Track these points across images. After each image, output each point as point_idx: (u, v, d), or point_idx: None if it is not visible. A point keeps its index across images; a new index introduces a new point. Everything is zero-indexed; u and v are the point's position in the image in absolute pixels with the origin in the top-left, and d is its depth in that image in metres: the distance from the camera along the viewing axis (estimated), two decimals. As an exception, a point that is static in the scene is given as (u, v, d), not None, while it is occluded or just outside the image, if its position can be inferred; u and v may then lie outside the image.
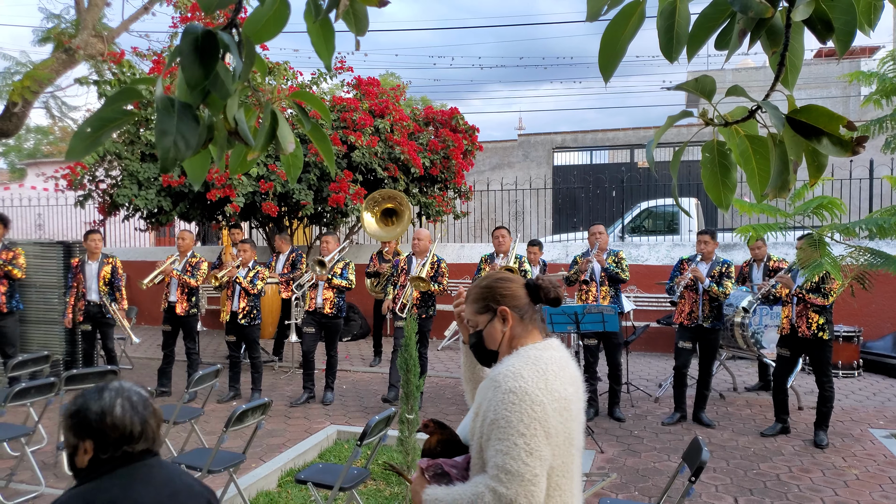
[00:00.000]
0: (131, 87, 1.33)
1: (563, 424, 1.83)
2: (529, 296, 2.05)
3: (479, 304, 2.06)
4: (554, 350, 1.97)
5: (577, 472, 1.93)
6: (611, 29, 1.27)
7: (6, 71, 9.76)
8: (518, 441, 1.74)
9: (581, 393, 1.97)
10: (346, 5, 1.26)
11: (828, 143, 1.11)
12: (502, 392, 1.79)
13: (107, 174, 10.34)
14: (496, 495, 1.72)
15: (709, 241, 6.71)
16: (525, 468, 1.72)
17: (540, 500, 1.73)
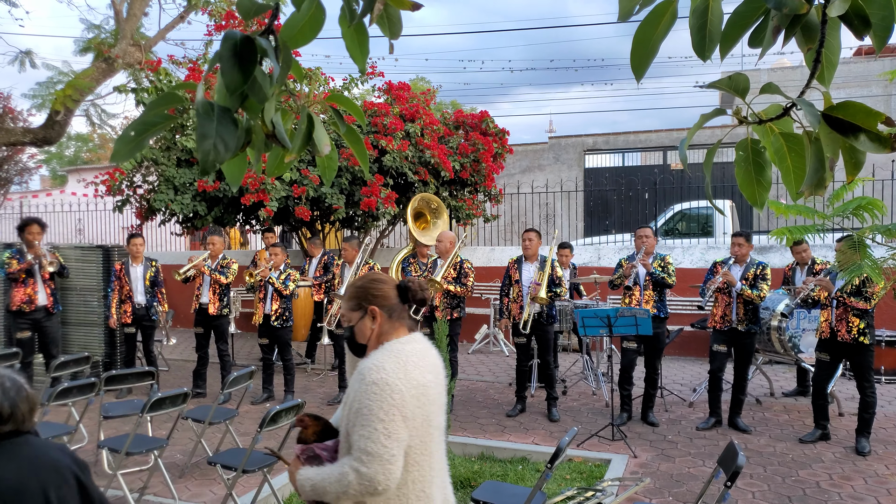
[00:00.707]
0: (173, 93, 1.37)
1: (421, 408, 2.10)
2: (399, 297, 2.29)
3: (352, 302, 2.29)
4: (416, 343, 2.23)
5: (437, 449, 2.19)
6: (643, 28, 1.27)
7: (49, 81, 10.06)
8: (378, 426, 2.00)
9: (442, 378, 2.25)
10: (380, 9, 1.28)
11: (865, 140, 1.09)
12: (366, 384, 2.05)
13: (144, 180, 10.55)
14: (358, 474, 1.99)
15: (743, 244, 6.59)
16: (384, 450, 1.99)
17: (396, 475, 2.02)
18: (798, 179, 1.20)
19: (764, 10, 1.18)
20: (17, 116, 14.83)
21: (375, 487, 1.99)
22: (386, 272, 10.95)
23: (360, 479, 1.99)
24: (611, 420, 6.38)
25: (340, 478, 2.03)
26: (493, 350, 10.95)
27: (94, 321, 8.53)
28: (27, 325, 7.47)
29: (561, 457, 3.68)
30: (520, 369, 7.21)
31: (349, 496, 2.03)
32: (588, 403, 7.63)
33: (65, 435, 5.27)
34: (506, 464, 5.62)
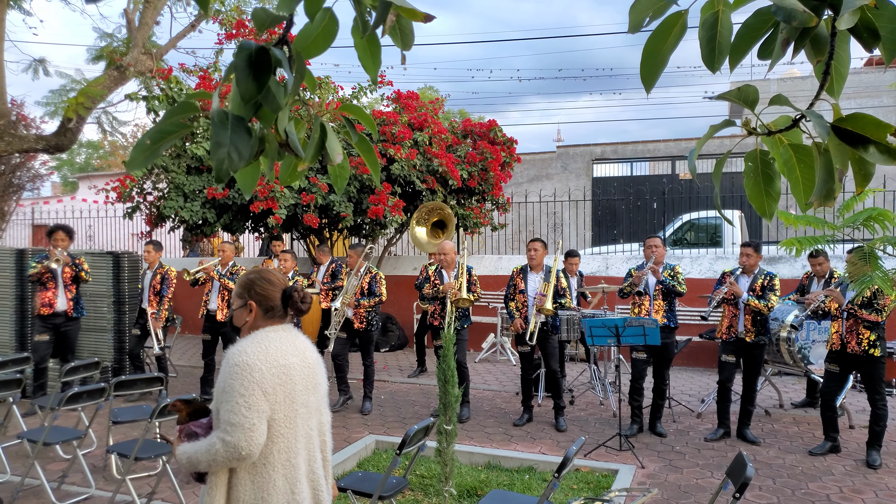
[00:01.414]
0: (188, 102, 1.38)
1: (283, 386, 2.37)
2: (282, 301, 2.52)
3: (239, 289, 2.55)
4: (283, 331, 2.50)
5: (304, 424, 2.45)
6: (652, 40, 1.29)
7: (62, 88, 10.15)
8: (239, 400, 2.27)
9: (309, 361, 2.52)
10: (392, 21, 1.30)
11: (875, 152, 1.10)
12: (230, 366, 2.34)
13: (154, 187, 10.62)
14: (224, 442, 2.25)
15: (751, 254, 6.57)
16: (245, 420, 2.26)
17: (258, 442, 2.28)
18: (807, 190, 1.20)
19: (773, 23, 1.19)
20: (31, 123, 14.96)
21: (240, 453, 2.25)
22: (396, 279, 10.94)
23: (225, 447, 2.25)
24: (618, 430, 6.36)
25: (209, 447, 2.29)
26: (500, 359, 10.93)
27: (104, 327, 8.58)
28: (46, 329, 7.54)
29: (568, 466, 3.67)
30: (524, 378, 7.20)
31: (218, 463, 2.28)
32: (595, 413, 7.61)
33: (74, 439, 5.30)
34: (512, 473, 5.61)
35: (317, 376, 2.55)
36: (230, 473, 2.34)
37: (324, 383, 2.60)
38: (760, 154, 1.27)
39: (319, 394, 2.55)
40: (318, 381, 2.55)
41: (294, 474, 2.39)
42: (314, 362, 2.55)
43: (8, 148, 8.57)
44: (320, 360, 2.62)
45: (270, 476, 2.34)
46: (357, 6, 1.38)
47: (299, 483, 2.40)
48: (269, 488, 2.33)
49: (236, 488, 2.33)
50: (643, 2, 1.24)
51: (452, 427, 4.84)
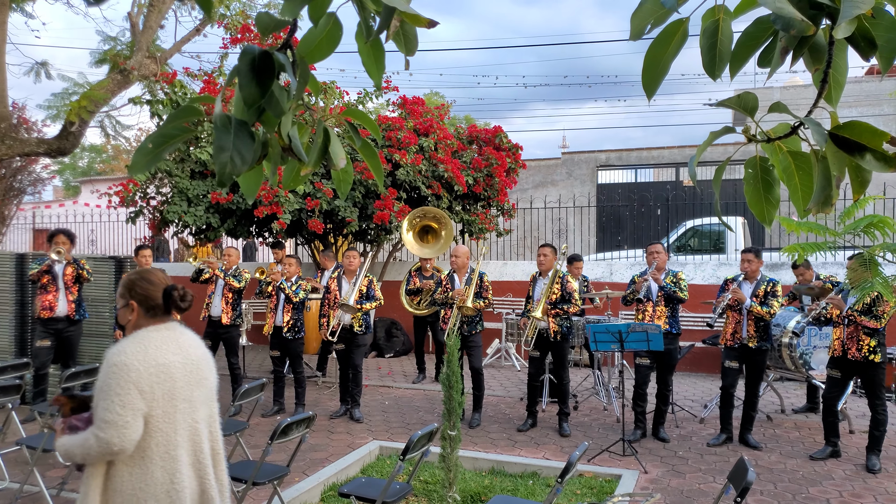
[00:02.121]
0: (191, 106, 1.40)
1: (161, 384, 2.47)
2: (163, 300, 2.62)
3: (121, 290, 2.66)
4: (166, 330, 2.61)
5: (185, 419, 2.55)
6: (654, 48, 1.30)
7: (64, 92, 10.19)
8: (114, 399, 2.38)
9: (193, 357, 2.62)
10: (396, 27, 1.31)
11: (871, 159, 1.11)
12: (108, 365, 2.44)
13: (157, 191, 10.64)
14: (97, 438, 2.37)
15: (753, 260, 6.58)
16: (118, 417, 2.36)
17: (131, 437, 2.39)
18: (805, 197, 1.21)
19: (773, 31, 1.20)
20: (32, 127, 15.00)
21: (111, 448, 2.37)
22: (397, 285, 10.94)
23: (98, 442, 2.37)
24: (622, 435, 6.35)
25: (84, 442, 2.41)
26: (505, 364, 10.93)
27: (106, 332, 8.59)
28: (48, 334, 7.48)
29: (571, 472, 3.67)
30: (531, 384, 7.20)
31: (91, 457, 2.41)
32: (599, 419, 7.60)
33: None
34: (516, 478, 5.61)
35: (202, 371, 2.65)
36: (108, 465, 2.45)
37: (211, 377, 2.71)
38: (760, 161, 1.28)
39: (206, 388, 2.67)
40: (203, 376, 2.66)
41: (174, 466, 2.50)
42: (199, 358, 2.66)
43: (9, 151, 8.59)
44: (207, 355, 2.72)
45: (148, 468, 2.45)
46: (361, 11, 1.40)
47: (179, 473, 2.51)
48: (147, 479, 2.45)
49: (114, 479, 2.44)
50: (644, 10, 1.25)
51: (456, 433, 4.84)
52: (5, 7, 8.68)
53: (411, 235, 9.96)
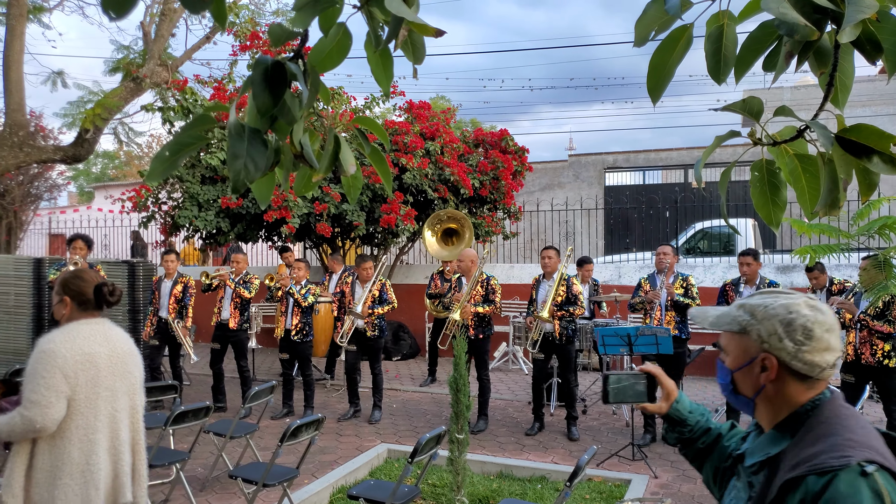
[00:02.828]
0: (206, 114, 1.42)
1: (86, 371, 2.72)
2: (94, 295, 2.86)
3: (57, 287, 2.89)
4: (96, 324, 2.86)
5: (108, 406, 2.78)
6: (659, 53, 1.31)
7: (79, 100, 10.30)
8: (40, 381, 2.62)
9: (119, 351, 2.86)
10: (404, 36, 1.33)
11: (878, 162, 1.12)
12: (37, 352, 2.68)
13: (169, 196, 10.72)
14: (22, 416, 2.60)
15: (751, 263, 6.55)
16: (42, 398, 2.60)
17: (54, 417, 2.62)
18: (812, 199, 1.22)
19: (777, 36, 1.21)
20: (49, 134, 15.15)
21: (34, 426, 2.59)
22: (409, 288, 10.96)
23: (23, 420, 2.60)
24: (631, 440, 6.34)
25: (10, 420, 2.63)
26: (513, 368, 10.93)
27: (119, 335, 8.66)
28: None
29: (580, 476, 3.68)
30: (536, 387, 7.17)
31: (16, 434, 2.63)
32: (608, 423, 7.59)
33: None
34: (525, 482, 5.61)
35: (127, 365, 2.89)
36: (32, 444, 2.68)
37: (136, 372, 2.94)
38: (766, 164, 1.28)
39: (129, 380, 2.89)
40: (128, 370, 2.89)
41: (91, 448, 2.72)
42: (125, 353, 2.90)
43: (27, 158, 8.69)
44: (134, 351, 2.95)
45: (66, 448, 2.68)
46: (370, 21, 1.41)
47: (96, 455, 2.73)
48: (64, 458, 2.67)
49: (36, 457, 2.67)
50: (648, 16, 1.27)
51: (464, 436, 4.85)
52: (23, 18, 8.78)
53: (435, 239, 10.02)
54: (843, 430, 1.35)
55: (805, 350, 1.41)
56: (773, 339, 1.42)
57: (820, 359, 1.41)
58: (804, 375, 1.42)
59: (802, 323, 1.41)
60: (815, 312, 1.42)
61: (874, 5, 1.05)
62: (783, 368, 1.43)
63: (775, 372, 1.43)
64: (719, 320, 1.55)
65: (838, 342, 1.44)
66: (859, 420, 1.40)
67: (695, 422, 1.85)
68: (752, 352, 1.46)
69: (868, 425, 1.38)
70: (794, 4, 1.11)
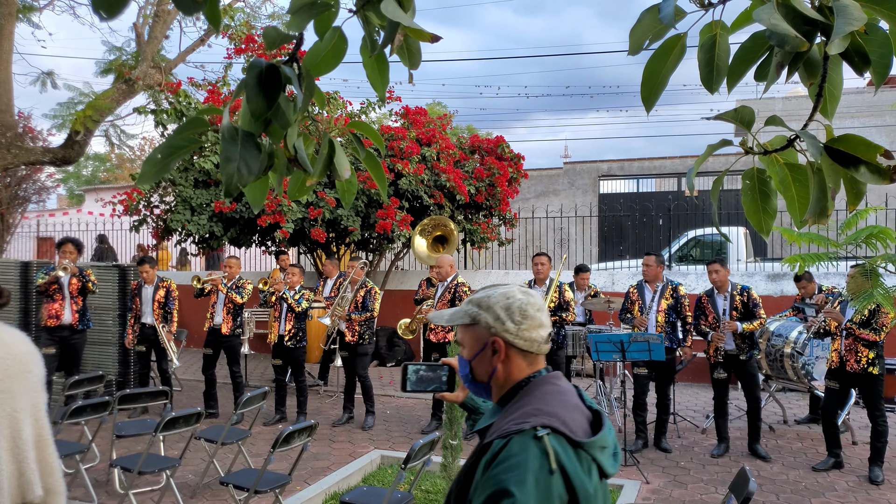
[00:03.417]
0: (199, 117, 1.42)
1: None
2: None
3: None
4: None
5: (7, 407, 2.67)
6: (652, 62, 1.32)
7: (69, 101, 10.25)
8: None
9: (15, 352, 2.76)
10: (400, 41, 1.34)
11: (865, 172, 1.13)
12: None
13: (161, 200, 10.68)
14: None
15: (719, 270, 6.66)
16: None
17: None
18: (802, 208, 1.23)
19: (769, 46, 1.23)
20: (38, 136, 15.08)
21: None
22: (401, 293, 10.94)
23: None
24: (623, 446, 6.34)
25: None
26: (505, 374, 10.91)
27: (109, 340, 8.61)
28: (52, 342, 7.53)
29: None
30: None
31: None
32: (600, 429, 7.59)
33: (77, 454, 5.31)
34: (516, 488, 5.59)
35: (25, 364, 2.87)
36: None
37: (37, 371, 2.94)
38: (757, 173, 1.30)
39: (29, 380, 2.88)
40: (27, 369, 2.87)
41: None
42: (23, 353, 2.89)
43: (14, 160, 8.65)
44: (33, 350, 2.97)
45: None
46: (366, 26, 1.42)
47: None
48: None
49: None
50: (642, 25, 1.28)
51: (458, 442, 4.84)
52: (12, 18, 8.75)
53: (425, 244, 10.02)
54: (536, 402, 1.50)
55: (524, 328, 1.58)
56: (497, 323, 1.59)
57: (536, 335, 1.59)
58: (526, 352, 1.59)
59: (519, 305, 1.59)
60: (527, 296, 1.61)
61: (863, 18, 1.06)
62: (509, 347, 1.59)
63: (503, 352, 1.59)
64: (453, 317, 1.68)
65: (548, 319, 1.63)
66: (561, 395, 1.54)
67: (486, 409, 1.96)
68: (483, 338, 1.62)
69: (568, 400, 1.53)
70: (784, 16, 1.12)
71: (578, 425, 1.46)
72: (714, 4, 1.25)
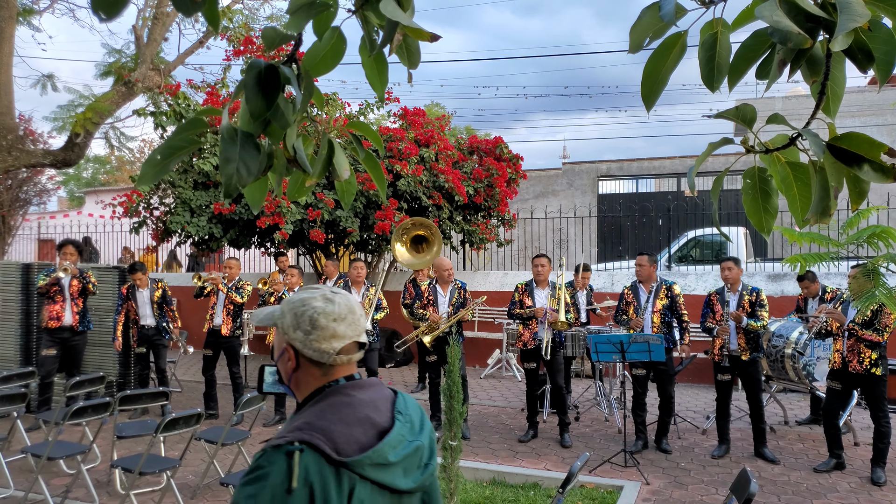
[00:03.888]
0: (198, 118, 1.42)
1: None
2: None
3: None
4: None
5: None
6: (653, 60, 1.31)
7: (69, 104, 10.23)
8: None
9: None
10: (399, 40, 1.33)
11: (869, 170, 1.12)
12: None
13: (161, 202, 10.68)
14: None
15: (732, 268, 6.61)
16: None
17: None
18: (804, 207, 1.23)
19: (770, 44, 1.22)
20: (38, 138, 15.04)
21: None
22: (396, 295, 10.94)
23: None
24: (623, 446, 6.33)
25: None
26: (506, 375, 10.91)
27: (110, 341, 8.58)
28: (53, 343, 7.55)
29: (572, 482, 3.67)
30: (530, 395, 7.19)
31: None
32: (601, 429, 7.58)
33: (78, 454, 5.30)
34: (517, 489, 5.59)
35: None
36: None
37: None
38: (758, 172, 1.29)
39: None
40: None
41: None
42: None
43: (15, 163, 8.64)
44: None
45: None
46: (365, 25, 1.42)
47: None
48: None
49: None
50: (643, 23, 1.27)
51: (458, 443, 4.83)
52: (12, 21, 8.75)
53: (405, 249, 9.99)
54: (312, 415, 1.46)
55: (312, 338, 1.52)
56: (290, 330, 1.54)
57: (327, 346, 1.52)
58: (318, 362, 1.54)
59: (310, 314, 1.52)
60: (326, 304, 1.53)
61: (866, 14, 1.05)
62: (300, 356, 1.55)
63: (294, 360, 1.55)
64: (264, 319, 1.64)
65: (349, 329, 1.55)
66: (348, 407, 1.48)
67: None
68: (282, 343, 1.58)
69: (353, 414, 1.46)
70: (787, 13, 1.12)
71: (354, 441, 1.41)
72: (715, 2, 1.25)
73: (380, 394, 1.57)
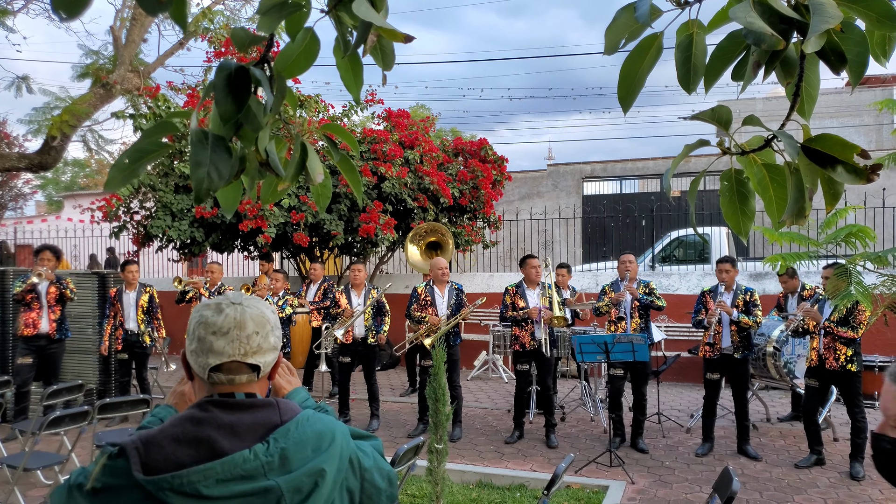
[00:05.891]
0: (167, 121, 1.39)
1: None
2: None
3: None
4: None
5: None
6: (629, 62, 1.31)
7: (45, 106, 10.11)
8: None
9: None
10: (373, 41, 1.32)
11: (842, 171, 1.12)
12: None
13: (141, 206, 10.56)
14: None
15: (729, 270, 6.65)
16: None
17: None
18: (780, 209, 1.22)
19: (745, 45, 1.22)
20: (13, 142, 14.87)
21: None
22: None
23: None
24: (608, 446, 6.35)
25: None
26: (492, 376, 10.90)
27: (89, 348, 8.48)
28: (29, 351, 7.40)
29: (558, 483, 3.66)
30: (519, 396, 7.18)
31: None
32: (586, 430, 7.60)
33: (56, 464, 5.21)
34: (504, 491, 5.58)
35: None
36: None
37: None
38: (735, 173, 1.29)
39: None
40: None
41: None
42: None
43: (-10, 167, 8.52)
44: None
45: None
46: (338, 26, 1.40)
47: None
48: None
49: None
50: (618, 24, 1.26)
51: (443, 446, 4.81)
52: (-14, 22, 8.63)
53: (418, 252, 10.00)
54: (164, 424, 1.35)
55: (192, 349, 1.42)
56: (186, 338, 1.45)
57: (202, 360, 1.40)
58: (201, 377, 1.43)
59: (195, 323, 1.42)
60: (214, 314, 1.41)
61: (839, 16, 1.05)
62: (190, 368, 1.46)
63: (186, 371, 1.48)
64: None
65: (228, 346, 1.39)
66: (192, 423, 1.33)
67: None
68: None
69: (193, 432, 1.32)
70: (761, 14, 1.11)
71: (173, 460, 1.28)
72: (690, 3, 1.24)
73: (254, 418, 1.37)
